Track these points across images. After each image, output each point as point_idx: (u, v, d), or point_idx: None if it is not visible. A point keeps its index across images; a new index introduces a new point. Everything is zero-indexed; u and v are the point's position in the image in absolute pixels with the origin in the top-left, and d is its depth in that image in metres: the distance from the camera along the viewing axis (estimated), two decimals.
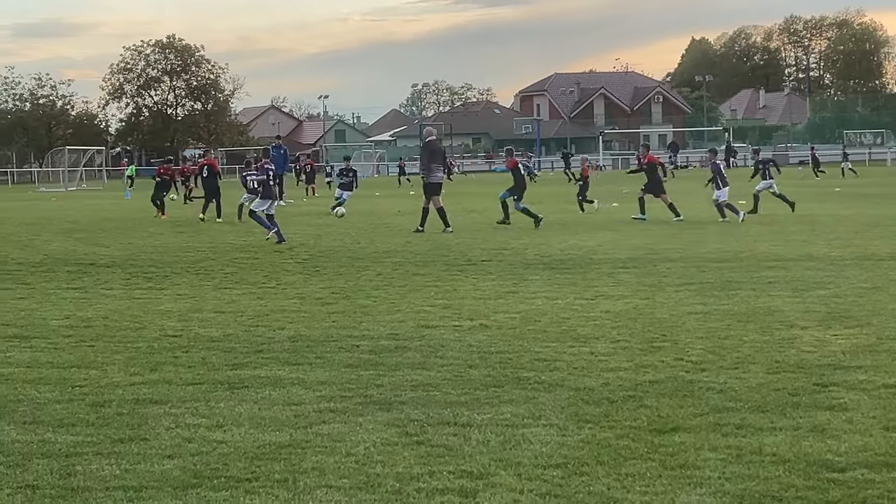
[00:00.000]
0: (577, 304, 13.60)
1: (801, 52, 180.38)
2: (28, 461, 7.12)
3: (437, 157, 27.00)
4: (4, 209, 44.61)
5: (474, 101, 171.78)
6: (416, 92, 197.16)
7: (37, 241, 25.19)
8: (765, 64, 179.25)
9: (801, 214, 28.51)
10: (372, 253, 20.88)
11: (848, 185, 48.15)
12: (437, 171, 26.49)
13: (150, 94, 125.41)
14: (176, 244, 23.89)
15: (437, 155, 26.99)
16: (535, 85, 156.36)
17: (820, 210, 30.68)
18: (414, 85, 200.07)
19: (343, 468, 6.86)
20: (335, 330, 12.04)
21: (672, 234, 23.56)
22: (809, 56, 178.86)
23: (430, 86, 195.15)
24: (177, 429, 7.86)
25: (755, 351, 10.35)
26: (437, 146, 27.64)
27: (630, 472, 6.67)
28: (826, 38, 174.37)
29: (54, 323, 12.94)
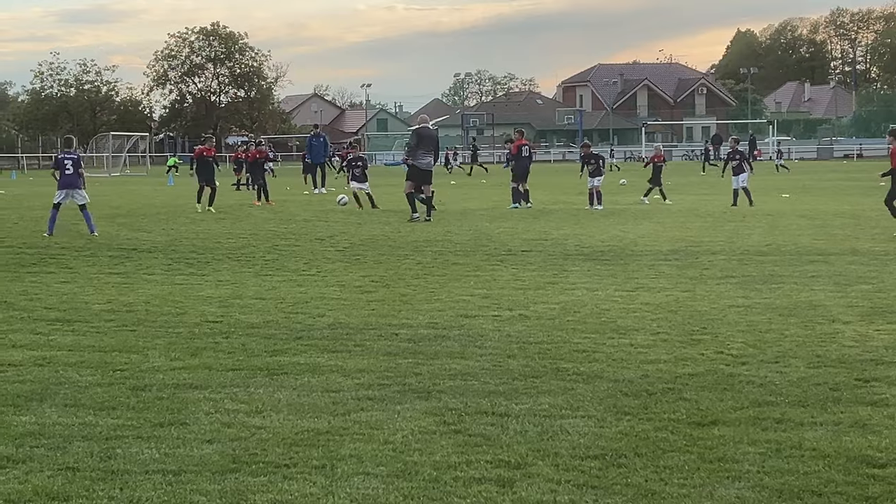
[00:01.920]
0: (617, 296, 13.55)
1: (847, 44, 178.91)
2: (69, 443, 7.18)
3: (428, 143, 27.02)
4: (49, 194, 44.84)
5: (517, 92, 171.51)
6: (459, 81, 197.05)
7: (80, 226, 25.35)
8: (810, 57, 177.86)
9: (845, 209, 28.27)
10: (412, 242, 20.89)
11: None
12: (425, 157, 26.70)
13: (193, 81, 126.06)
14: (217, 231, 24.01)
15: (427, 141, 27.02)
16: (578, 75, 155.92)
17: (864, 204, 30.39)
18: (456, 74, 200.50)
19: (380, 456, 6.87)
20: (374, 318, 12.06)
21: (714, 227, 23.43)
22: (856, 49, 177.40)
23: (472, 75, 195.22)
24: (216, 414, 7.90)
25: (796, 345, 10.28)
26: (428, 132, 27.56)
27: (668, 464, 6.64)
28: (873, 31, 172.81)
29: (96, 307, 13.04)
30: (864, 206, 29.30)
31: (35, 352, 10.24)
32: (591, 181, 31.36)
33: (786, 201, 32.05)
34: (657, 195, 33.67)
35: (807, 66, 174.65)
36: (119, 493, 6.23)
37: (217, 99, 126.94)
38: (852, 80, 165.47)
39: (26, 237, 22.68)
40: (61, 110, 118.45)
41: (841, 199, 31.24)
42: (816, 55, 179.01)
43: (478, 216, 27.81)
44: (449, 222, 25.39)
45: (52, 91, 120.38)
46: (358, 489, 6.29)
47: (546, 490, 6.23)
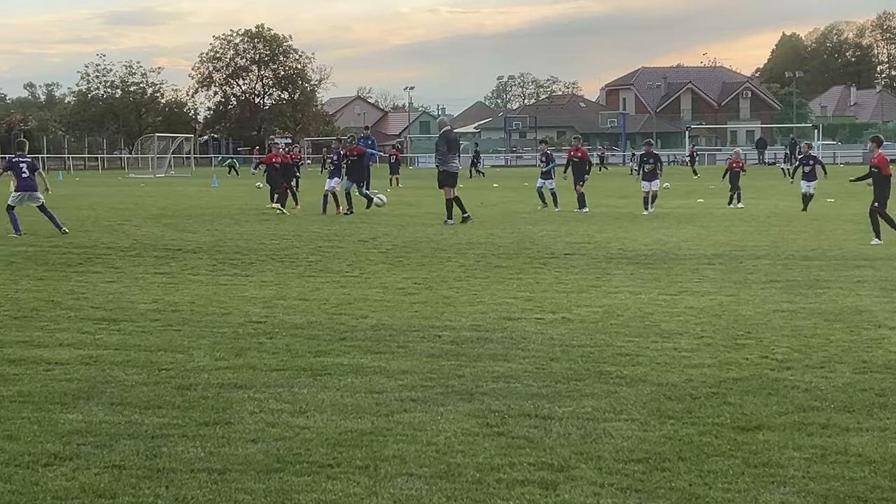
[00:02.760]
0: (660, 300, 13.50)
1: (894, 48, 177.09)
2: (115, 442, 7.25)
3: (455, 146, 27.08)
4: (95, 194, 45.37)
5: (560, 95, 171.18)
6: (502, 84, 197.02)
7: (126, 227, 25.61)
8: (856, 61, 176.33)
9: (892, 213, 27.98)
10: (455, 244, 20.91)
11: None
12: (454, 160, 26.75)
13: (237, 83, 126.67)
14: (261, 232, 24.13)
15: (454, 145, 27.08)
16: (621, 79, 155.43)
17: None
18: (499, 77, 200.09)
19: (423, 457, 6.89)
20: (417, 320, 12.09)
21: (759, 231, 23.29)
22: None
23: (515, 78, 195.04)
24: (260, 413, 7.95)
25: (842, 350, 10.20)
26: (453, 136, 27.61)
27: (712, 469, 6.62)
28: None
29: (142, 307, 13.14)
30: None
31: (82, 350, 10.34)
32: (646, 185, 30.33)
33: (831, 206, 31.81)
34: (731, 200, 32.90)
35: (853, 70, 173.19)
36: (165, 492, 6.29)
37: (261, 101, 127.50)
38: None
39: (73, 237, 22.88)
40: (107, 111, 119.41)
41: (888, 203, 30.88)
42: (862, 59, 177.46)
43: (520, 219, 27.79)
44: (492, 225, 25.39)
45: (98, 92, 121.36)
46: (401, 490, 6.31)
47: (589, 493, 6.22)
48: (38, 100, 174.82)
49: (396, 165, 56.57)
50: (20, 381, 9.06)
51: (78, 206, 34.64)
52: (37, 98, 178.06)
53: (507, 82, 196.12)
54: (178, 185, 58.35)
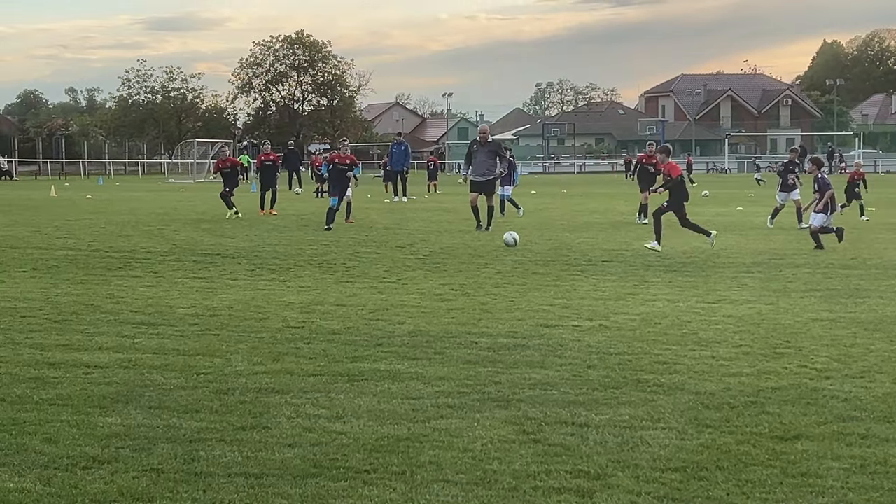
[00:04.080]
0: (698, 308, 13.44)
1: None
2: (153, 445, 7.29)
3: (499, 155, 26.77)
4: (136, 199, 45.69)
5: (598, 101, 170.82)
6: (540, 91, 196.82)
7: (166, 231, 25.76)
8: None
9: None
10: (492, 251, 20.90)
11: None
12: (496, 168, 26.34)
13: (277, 89, 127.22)
14: (299, 237, 24.21)
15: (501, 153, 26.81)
16: (660, 85, 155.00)
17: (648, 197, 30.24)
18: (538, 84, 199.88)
19: (460, 463, 6.89)
20: (454, 326, 12.09)
21: (798, 240, 23.13)
22: None
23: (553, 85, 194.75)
24: (297, 419, 7.98)
25: (882, 360, 10.12)
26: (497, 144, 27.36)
27: (750, 478, 6.58)
28: None
29: (181, 311, 13.22)
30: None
31: (121, 354, 10.41)
32: (782, 195, 27.85)
33: (871, 214, 31.55)
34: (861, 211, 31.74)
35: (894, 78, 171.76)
36: (202, 496, 6.32)
37: (300, 107, 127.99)
38: None
39: (113, 241, 23.04)
40: (148, 116, 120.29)
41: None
42: None
43: (557, 226, 27.76)
44: (529, 232, 25.35)
45: (138, 98, 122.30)
46: (437, 496, 6.31)
47: (626, 501, 6.20)
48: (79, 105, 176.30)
49: (434, 172, 56.62)
50: (60, 385, 9.13)
51: (118, 211, 34.89)
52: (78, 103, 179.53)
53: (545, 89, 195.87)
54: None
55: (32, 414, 8.15)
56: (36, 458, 7.03)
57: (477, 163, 26.09)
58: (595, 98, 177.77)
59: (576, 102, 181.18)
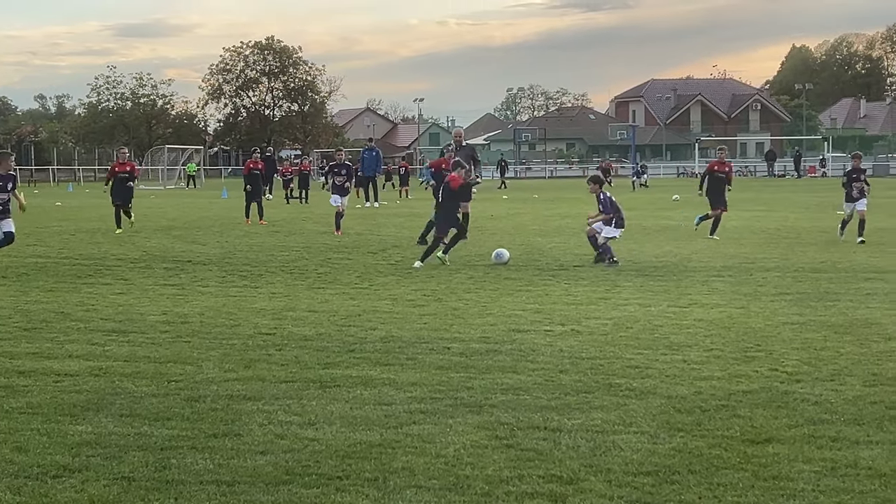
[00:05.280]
0: (669, 312, 13.49)
1: None
2: (124, 453, 7.26)
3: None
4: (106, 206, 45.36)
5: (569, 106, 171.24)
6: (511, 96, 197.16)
7: (136, 238, 25.64)
8: (866, 73, 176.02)
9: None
10: (464, 256, 20.91)
11: None
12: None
13: (248, 95, 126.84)
14: (270, 243, 24.15)
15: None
16: (631, 90, 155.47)
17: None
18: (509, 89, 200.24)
19: (433, 469, 6.88)
20: (426, 332, 12.08)
21: (768, 244, 23.25)
22: None
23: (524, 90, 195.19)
24: (269, 425, 7.95)
25: (852, 363, 10.18)
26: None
27: (722, 481, 6.61)
28: None
29: (152, 318, 13.16)
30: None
31: (91, 362, 10.35)
32: (849, 206, 24.69)
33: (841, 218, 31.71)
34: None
35: (862, 82, 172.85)
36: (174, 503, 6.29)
37: (271, 113, 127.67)
38: None
39: (83, 249, 22.92)
40: (117, 123, 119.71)
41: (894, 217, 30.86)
42: (872, 71, 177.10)
43: (529, 231, 27.80)
44: (501, 237, 25.37)
45: (108, 104, 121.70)
46: (410, 502, 6.31)
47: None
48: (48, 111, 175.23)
49: (406, 177, 56.62)
50: (30, 393, 9.07)
51: (88, 218, 34.72)
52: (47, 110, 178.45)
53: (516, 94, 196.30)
54: (187, 196, 58.46)
55: (2, 423, 8.10)
56: (6, 466, 6.98)
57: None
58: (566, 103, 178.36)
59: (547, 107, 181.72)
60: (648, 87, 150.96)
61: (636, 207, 33.59)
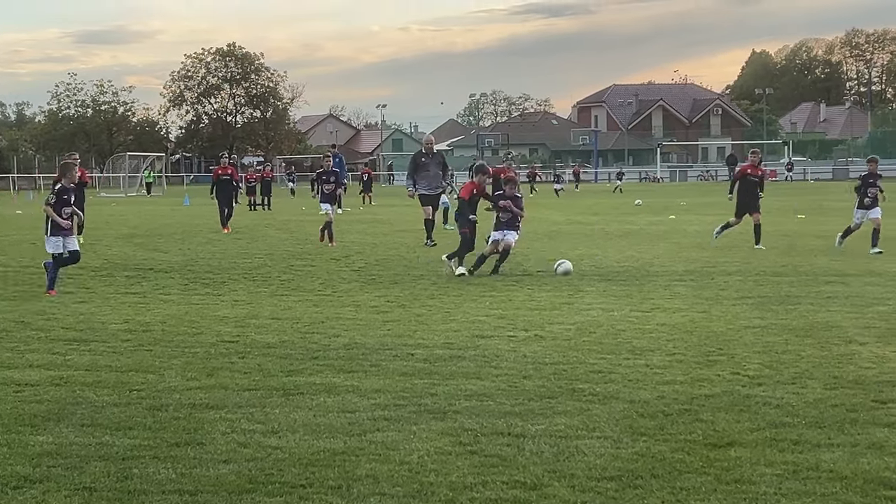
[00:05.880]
0: (632, 316, 13.54)
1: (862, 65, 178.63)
2: (86, 463, 7.20)
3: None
4: None
5: (532, 112, 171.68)
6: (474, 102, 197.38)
7: (97, 246, 25.49)
8: (826, 77, 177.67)
9: (861, 229, 28.17)
10: (427, 262, 20.90)
11: None
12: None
13: (209, 102, 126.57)
14: (233, 251, 24.06)
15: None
16: (593, 96, 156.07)
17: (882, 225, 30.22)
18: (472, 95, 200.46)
19: (396, 476, 6.87)
20: (390, 338, 12.07)
21: (730, 248, 23.36)
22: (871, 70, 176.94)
23: (487, 96, 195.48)
24: (232, 434, 7.92)
25: (813, 366, 10.25)
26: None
27: (685, 485, 6.63)
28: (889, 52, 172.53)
29: (113, 327, 13.08)
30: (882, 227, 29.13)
31: (52, 372, 10.27)
32: (859, 213, 23.35)
33: (802, 222, 32.00)
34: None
35: (822, 86, 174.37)
36: None
37: (233, 119, 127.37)
38: (868, 101, 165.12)
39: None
40: (78, 130, 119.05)
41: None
42: (832, 76, 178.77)
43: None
44: None
45: (69, 111, 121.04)
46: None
47: None
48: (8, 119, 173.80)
49: (369, 183, 56.56)
50: None
51: None
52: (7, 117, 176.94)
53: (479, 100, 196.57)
54: (149, 203, 58.16)
55: None
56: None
57: (429, 176, 25.54)
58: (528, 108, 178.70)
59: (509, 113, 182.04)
60: (610, 92, 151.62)
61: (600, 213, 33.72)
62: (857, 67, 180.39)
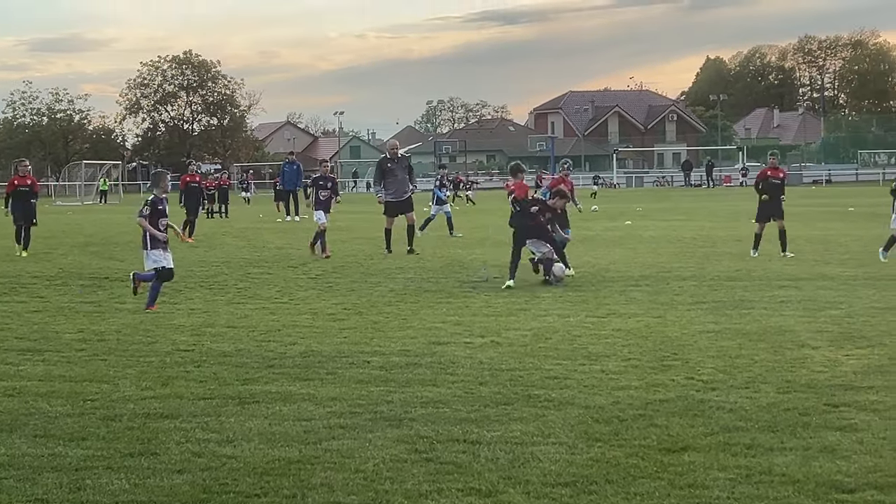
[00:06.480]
0: (588, 322, 13.59)
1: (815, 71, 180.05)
2: (38, 475, 7.15)
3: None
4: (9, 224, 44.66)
5: (489, 119, 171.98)
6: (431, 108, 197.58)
7: (52, 255, 25.27)
8: (779, 83, 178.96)
9: (814, 234, 28.44)
10: (384, 269, 20.90)
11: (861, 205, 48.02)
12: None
13: (166, 110, 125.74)
14: (190, 259, 23.92)
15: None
16: (549, 102, 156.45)
17: (833, 229, 30.57)
18: (429, 102, 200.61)
19: (352, 484, 6.87)
20: (347, 346, 12.06)
21: (685, 253, 23.51)
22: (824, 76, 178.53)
23: (444, 102, 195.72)
24: (187, 444, 7.88)
25: (766, 370, 10.33)
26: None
27: (639, 491, 6.67)
28: (841, 58, 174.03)
29: (67, 336, 12.98)
30: (833, 232, 29.47)
31: (5, 382, 10.18)
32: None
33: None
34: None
35: (776, 92, 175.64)
36: None
37: (190, 127, 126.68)
38: (820, 107, 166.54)
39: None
40: (34, 139, 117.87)
41: (810, 224, 31.42)
42: (785, 82, 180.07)
43: (450, 243, 27.86)
44: (421, 249, 25.36)
45: (24, 120, 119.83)
46: None
47: None
48: None
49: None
50: None
51: (3, 235, 34.11)
52: None
53: (436, 106, 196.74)
54: (105, 212, 57.74)
55: None
56: None
57: (397, 181, 24.85)
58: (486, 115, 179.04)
59: (467, 120, 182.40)
60: (567, 99, 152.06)
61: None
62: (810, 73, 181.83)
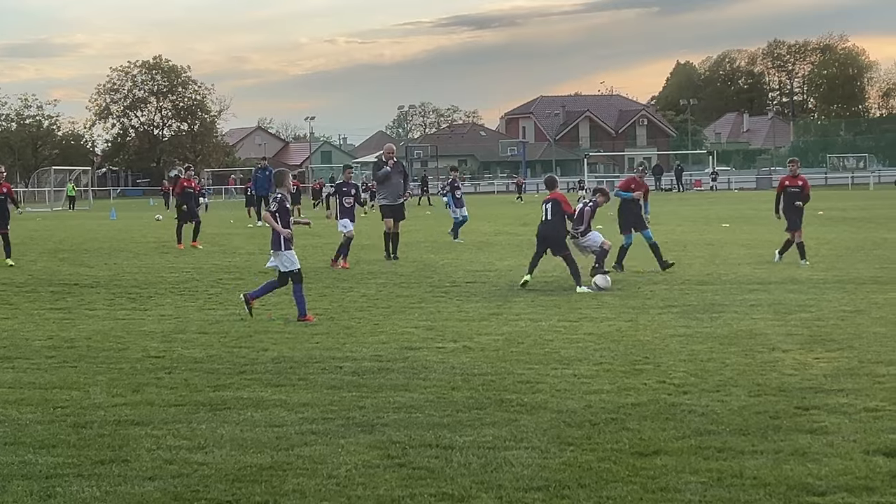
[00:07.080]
0: (560, 326, 13.61)
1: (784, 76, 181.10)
2: (8, 482, 7.10)
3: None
4: None
5: (460, 123, 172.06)
6: (403, 114, 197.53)
7: (21, 262, 25.10)
8: (749, 88, 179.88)
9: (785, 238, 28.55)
10: (356, 274, 20.88)
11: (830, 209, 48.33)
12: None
13: (136, 115, 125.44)
14: (160, 265, 23.84)
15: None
16: (520, 107, 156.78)
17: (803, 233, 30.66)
18: (400, 107, 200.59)
19: (324, 490, 6.85)
20: (318, 351, 12.03)
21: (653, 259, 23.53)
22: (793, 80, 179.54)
23: (416, 108, 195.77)
24: (158, 450, 7.84)
25: (737, 374, 10.38)
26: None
27: (611, 494, 6.68)
28: (810, 63, 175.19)
29: (37, 343, 12.90)
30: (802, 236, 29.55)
31: None
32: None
33: (726, 231, 32.36)
34: None
35: (745, 97, 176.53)
36: None
37: (160, 132, 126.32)
38: (790, 111, 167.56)
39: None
40: (2, 145, 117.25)
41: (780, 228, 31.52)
42: (755, 86, 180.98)
43: (422, 248, 27.84)
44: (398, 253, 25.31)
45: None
46: None
47: None
48: None
49: (297, 196, 56.28)
50: None
51: None
52: None
53: (407, 112, 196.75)
54: (75, 218, 57.43)
55: None
56: None
57: (391, 185, 24.59)
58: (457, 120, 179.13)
59: (438, 125, 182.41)
60: (538, 103, 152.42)
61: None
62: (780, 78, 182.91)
